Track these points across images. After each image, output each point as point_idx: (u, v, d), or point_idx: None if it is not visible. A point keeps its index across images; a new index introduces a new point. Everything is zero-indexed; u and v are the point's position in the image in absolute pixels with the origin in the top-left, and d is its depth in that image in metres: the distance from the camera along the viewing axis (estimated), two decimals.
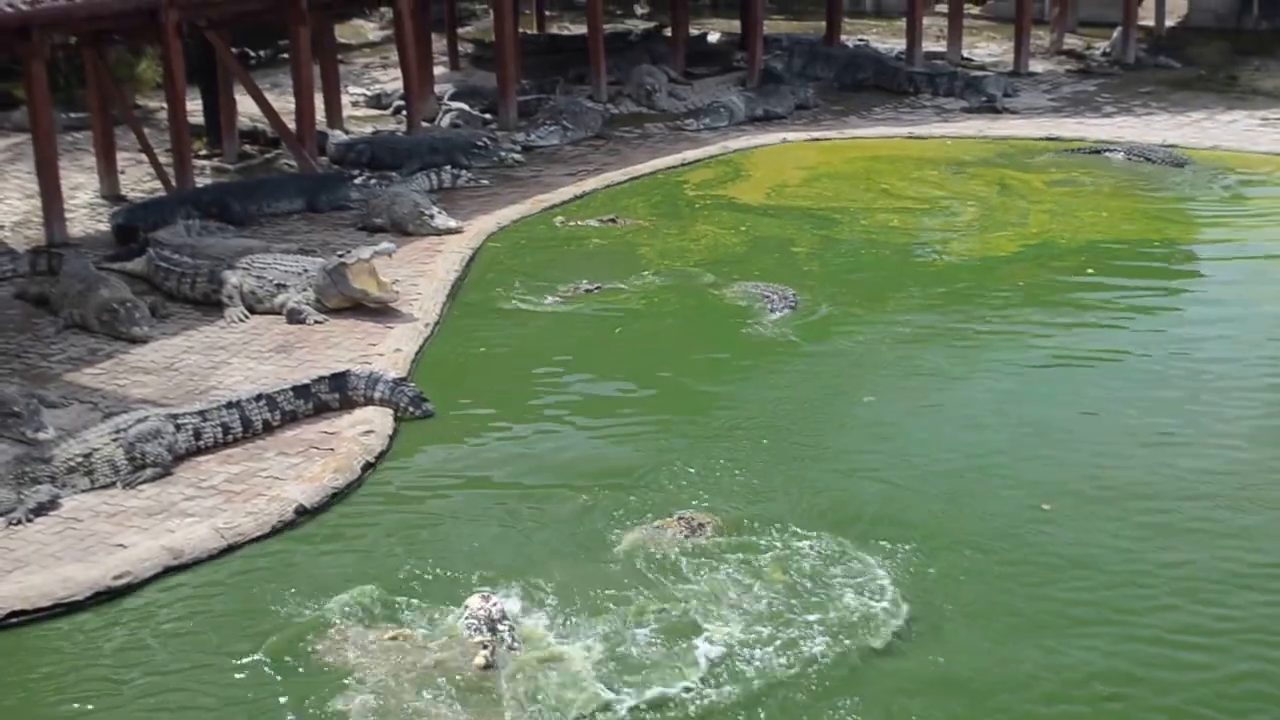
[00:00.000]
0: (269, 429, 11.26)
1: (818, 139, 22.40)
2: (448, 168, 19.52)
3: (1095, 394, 12.06)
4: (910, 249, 16.58)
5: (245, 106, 20.91)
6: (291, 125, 19.81)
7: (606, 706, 7.85)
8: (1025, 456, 10.90)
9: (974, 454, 10.89)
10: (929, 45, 28.14)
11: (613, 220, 17.64)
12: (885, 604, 8.69)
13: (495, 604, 8.52)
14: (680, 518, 9.77)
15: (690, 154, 21.28)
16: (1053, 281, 15.25)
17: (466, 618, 8.45)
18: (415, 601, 8.86)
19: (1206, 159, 20.31)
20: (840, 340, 13.48)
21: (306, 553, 9.58)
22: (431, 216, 16.75)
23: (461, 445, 11.24)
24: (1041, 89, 25.98)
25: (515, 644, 8.34)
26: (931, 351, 13.08)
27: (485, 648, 8.20)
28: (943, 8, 30.88)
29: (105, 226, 17.07)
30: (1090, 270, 15.58)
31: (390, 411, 11.57)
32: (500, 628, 8.39)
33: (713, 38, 30.46)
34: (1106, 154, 20.76)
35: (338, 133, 21.69)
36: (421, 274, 15.14)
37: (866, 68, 26.57)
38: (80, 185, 18.71)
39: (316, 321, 13.76)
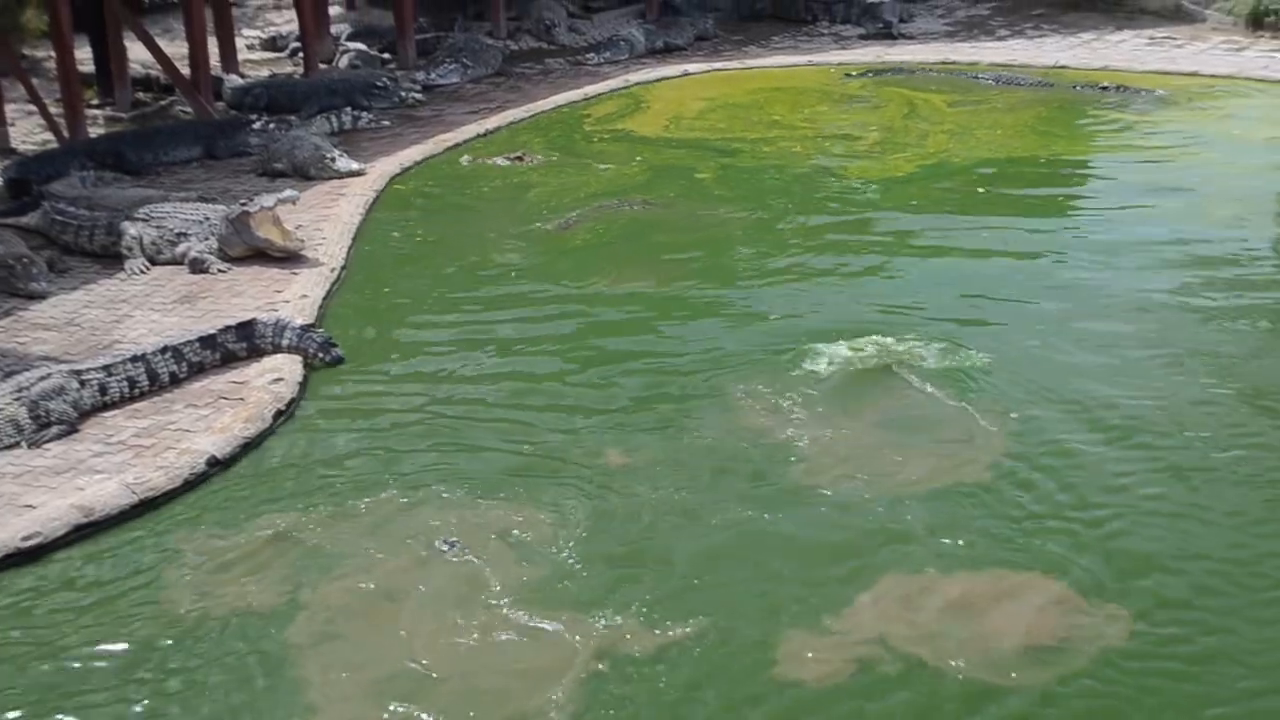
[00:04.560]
0: (176, 381, 11.11)
1: (718, 70, 22.46)
2: (347, 109, 19.34)
3: None
4: (811, 174, 16.76)
5: (137, 53, 20.48)
6: (185, 71, 19.47)
7: None
8: None
9: None
10: None
11: (519, 158, 17.58)
12: None
13: None
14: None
15: (592, 88, 21.27)
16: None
17: None
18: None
19: (1095, 80, 20.79)
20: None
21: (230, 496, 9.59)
22: (333, 159, 16.61)
23: (373, 389, 11.21)
24: (937, 14, 26.27)
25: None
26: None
27: None
28: None
29: None
30: (981, 189, 15.96)
31: (299, 358, 11.50)
32: None
33: None
34: (978, 78, 21.20)
35: (233, 77, 21.31)
36: (325, 218, 15.00)
37: None
38: None
39: (220, 270, 13.59)
